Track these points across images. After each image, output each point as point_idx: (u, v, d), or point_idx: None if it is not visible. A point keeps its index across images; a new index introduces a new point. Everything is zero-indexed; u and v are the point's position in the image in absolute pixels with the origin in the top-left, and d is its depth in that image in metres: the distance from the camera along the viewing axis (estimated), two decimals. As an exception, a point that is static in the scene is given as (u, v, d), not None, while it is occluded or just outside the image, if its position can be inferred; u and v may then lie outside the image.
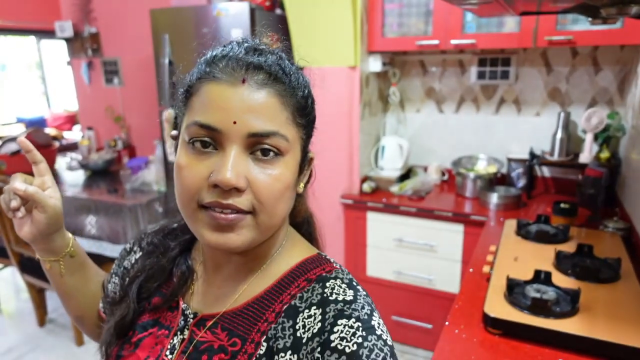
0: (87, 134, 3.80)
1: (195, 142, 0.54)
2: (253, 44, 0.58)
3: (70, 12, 3.67)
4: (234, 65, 0.54)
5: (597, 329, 1.15)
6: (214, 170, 0.53)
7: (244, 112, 0.53)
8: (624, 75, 2.31)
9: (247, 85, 0.53)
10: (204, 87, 0.55)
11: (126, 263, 0.77)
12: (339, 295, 0.57)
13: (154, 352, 0.63)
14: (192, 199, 0.55)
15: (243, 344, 0.58)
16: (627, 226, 1.81)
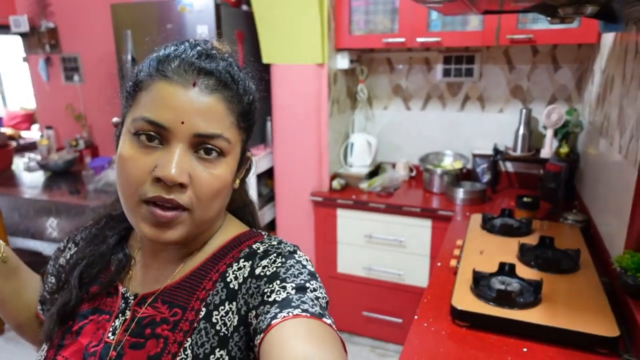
0: (46, 133, 3.65)
1: (141, 135, 0.56)
2: (205, 48, 0.60)
3: (25, 5, 3.51)
4: (186, 68, 0.57)
5: (559, 317, 1.19)
6: (158, 164, 0.55)
7: (192, 113, 0.55)
8: (581, 73, 2.40)
9: (198, 89, 0.56)
10: (155, 85, 0.57)
11: (61, 260, 0.76)
12: (264, 249, 0.64)
13: (95, 337, 0.64)
14: (135, 192, 0.57)
15: (184, 312, 0.61)
16: (585, 218, 1.89)
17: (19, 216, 2.81)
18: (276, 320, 0.52)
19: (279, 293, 0.57)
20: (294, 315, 0.52)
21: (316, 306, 0.55)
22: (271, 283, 0.58)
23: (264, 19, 2.42)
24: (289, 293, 0.56)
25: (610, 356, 1.11)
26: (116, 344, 0.62)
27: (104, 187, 2.91)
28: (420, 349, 1.16)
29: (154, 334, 0.61)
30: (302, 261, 0.63)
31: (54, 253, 0.79)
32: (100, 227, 0.74)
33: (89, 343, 0.64)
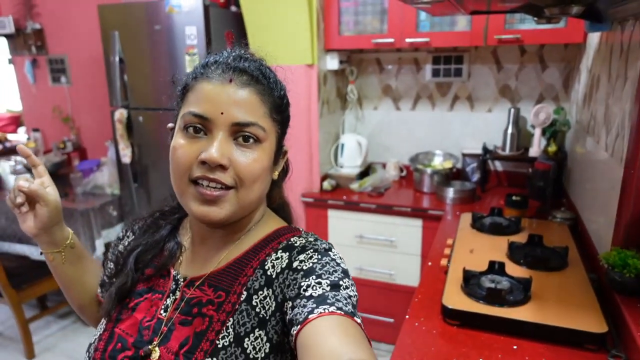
0: (33, 136, 3.61)
1: (189, 127, 0.66)
2: (240, 53, 0.70)
3: (10, 6, 3.47)
4: (223, 68, 0.67)
5: (548, 315, 1.20)
6: (203, 150, 0.65)
7: (230, 105, 0.65)
8: (568, 72, 2.42)
9: (233, 84, 0.65)
10: (198, 85, 0.67)
11: (120, 247, 0.85)
12: (302, 244, 0.71)
13: (149, 313, 0.73)
14: (184, 174, 0.66)
15: (227, 295, 0.69)
16: (573, 216, 1.91)
17: (6, 220, 2.77)
18: (313, 315, 0.57)
19: (315, 288, 0.62)
20: (329, 312, 0.58)
21: (349, 305, 0.61)
22: (307, 277, 0.64)
23: (253, 20, 2.42)
24: (325, 290, 0.62)
25: (598, 352, 1.12)
26: (167, 320, 0.71)
27: (93, 189, 2.88)
28: (412, 348, 1.17)
29: (200, 313, 0.69)
30: (337, 259, 0.69)
31: (113, 242, 0.88)
32: (155, 219, 0.83)
33: (143, 318, 0.72)
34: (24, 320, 2.56)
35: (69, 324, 2.97)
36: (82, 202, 2.71)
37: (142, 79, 2.60)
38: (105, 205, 2.75)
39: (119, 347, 0.70)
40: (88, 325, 0.91)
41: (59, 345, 2.75)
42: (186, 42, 2.42)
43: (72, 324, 2.96)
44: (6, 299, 2.49)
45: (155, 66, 2.54)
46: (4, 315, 3.04)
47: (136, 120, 2.66)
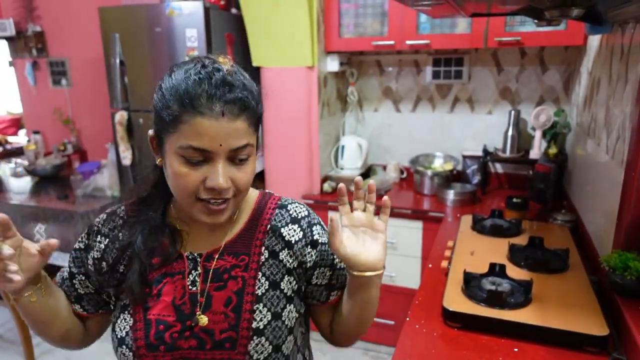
0: (33, 138, 3.61)
1: (189, 158, 0.72)
2: (223, 76, 0.72)
3: (11, 9, 3.48)
4: (214, 101, 0.70)
5: (549, 317, 1.20)
6: (208, 176, 0.72)
7: (226, 137, 0.71)
8: (569, 74, 2.43)
9: (226, 117, 0.70)
10: (192, 119, 0.70)
11: (94, 254, 0.84)
12: (301, 213, 0.87)
13: (177, 292, 0.80)
14: (191, 195, 0.74)
15: (249, 257, 0.82)
16: (574, 218, 1.90)
17: (6, 222, 2.77)
18: (331, 299, 0.88)
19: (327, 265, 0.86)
20: (336, 297, 0.89)
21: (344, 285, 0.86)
22: (315, 248, 0.85)
23: (253, 22, 2.42)
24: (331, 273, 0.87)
25: (599, 355, 1.12)
26: (201, 292, 0.79)
27: (93, 192, 2.88)
28: (412, 350, 1.16)
29: (231, 277, 0.80)
30: (324, 226, 0.89)
31: (71, 257, 0.86)
32: (140, 209, 0.84)
33: (174, 298, 0.79)
34: (24, 322, 2.56)
35: (69, 326, 2.96)
36: (83, 204, 2.71)
37: (142, 81, 2.60)
38: (106, 207, 2.73)
39: (161, 329, 0.77)
40: None
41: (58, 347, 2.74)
42: (187, 44, 2.43)
43: (72, 326, 2.96)
44: (6, 301, 2.48)
45: (156, 68, 2.54)
46: (4, 317, 3.04)
47: (136, 123, 2.66)
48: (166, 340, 0.77)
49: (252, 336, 0.78)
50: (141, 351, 0.77)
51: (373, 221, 0.79)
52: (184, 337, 0.77)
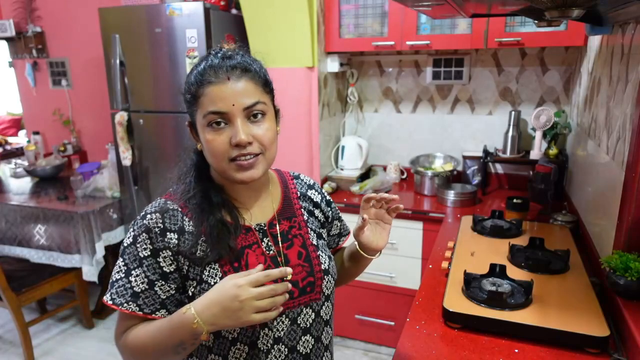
0: (33, 139, 3.61)
1: (213, 123, 0.84)
2: (224, 52, 0.87)
3: (11, 10, 3.48)
4: (218, 70, 0.84)
5: (549, 318, 1.19)
6: (231, 136, 0.84)
7: (236, 96, 0.83)
8: (569, 75, 2.42)
9: (232, 80, 0.83)
10: (206, 90, 0.84)
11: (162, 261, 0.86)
12: (310, 180, 1.11)
13: (259, 259, 0.91)
14: (223, 157, 0.85)
15: (297, 218, 1.01)
16: (575, 219, 1.90)
17: (6, 223, 2.77)
18: (339, 245, 1.17)
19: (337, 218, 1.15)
20: (341, 244, 1.17)
21: None
22: (329, 206, 1.11)
23: (253, 23, 2.42)
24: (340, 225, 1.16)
25: (600, 356, 1.12)
26: (277, 254, 0.94)
27: (93, 192, 2.88)
28: (413, 351, 1.16)
29: (294, 235, 0.98)
30: None
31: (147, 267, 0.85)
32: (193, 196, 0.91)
33: (259, 263, 0.88)
34: (23, 323, 2.56)
35: (68, 328, 2.96)
36: (83, 205, 2.71)
37: (142, 82, 2.60)
38: (106, 208, 2.75)
39: None
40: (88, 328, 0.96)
41: (58, 348, 2.74)
42: (187, 44, 2.43)
43: (71, 328, 2.96)
44: (6, 302, 2.48)
45: (156, 69, 2.54)
46: (3, 318, 3.04)
47: (136, 123, 2.66)
48: None
49: (323, 276, 0.97)
50: None
51: (384, 216, 1.01)
52: None
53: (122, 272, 0.86)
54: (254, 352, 0.89)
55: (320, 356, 0.99)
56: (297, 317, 0.93)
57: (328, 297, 0.99)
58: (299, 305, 0.93)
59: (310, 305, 0.95)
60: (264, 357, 0.90)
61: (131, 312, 0.85)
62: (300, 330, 0.94)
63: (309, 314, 0.95)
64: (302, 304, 0.93)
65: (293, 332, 0.93)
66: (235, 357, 0.89)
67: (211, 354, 0.90)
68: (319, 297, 0.96)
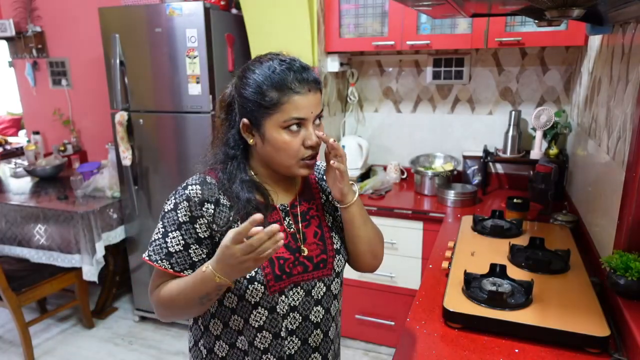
0: (33, 139, 3.61)
1: (292, 126, 0.95)
2: (300, 63, 0.98)
3: (11, 10, 3.48)
4: (301, 82, 0.94)
5: (550, 318, 1.19)
6: (304, 139, 0.96)
7: (313, 106, 0.97)
8: (569, 75, 2.42)
9: (312, 92, 0.96)
10: (292, 98, 0.94)
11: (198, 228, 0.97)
12: (324, 164, 1.15)
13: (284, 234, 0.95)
14: (294, 157, 0.97)
15: (315, 201, 1.12)
16: (575, 219, 1.90)
17: (6, 223, 2.77)
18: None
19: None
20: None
21: None
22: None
23: (254, 23, 2.42)
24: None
25: (601, 356, 1.11)
26: (297, 231, 1.05)
27: (93, 192, 2.88)
28: (413, 351, 1.16)
29: (311, 216, 1.09)
30: None
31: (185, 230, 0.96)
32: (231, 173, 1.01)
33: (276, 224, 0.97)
34: (23, 323, 2.56)
35: (68, 327, 2.96)
36: (83, 205, 2.71)
37: (142, 82, 2.60)
38: (106, 207, 2.75)
39: (281, 263, 1.00)
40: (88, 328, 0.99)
41: (58, 348, 2.74)
42: (187, 44, 2.42)
43: (71, 327, 2.96)
44: (6, 302, 2.48)
45: (156, 69, 2.54)
46: (3, 318, 3.04)
47: (137, 123, 2.66)
48: (286, 270, 1.01)
49: (335, 255, 1.08)
50: (271, 283, 0.98)
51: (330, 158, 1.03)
52: (295, 265, 1.02)
53: (160, 234, 0.98)
54: (273, 316, 1.01)
55: (329, 326, 1.10)
56: (311, 290, 1.05)
57: (338, 274, 1.11)
58: (312, 279, 1.05)
59: (322, 279, 1.06)
60: (281, 321, 1.02)
61: (163, 269, 0.96)
62: (313, 301, 1.05)
63: (321, 288, 1.07)
64: (315, 278, 1.05)
65: (307, 303, 1.05)
66: (255, 320, 1.00)
67: (234, 315, 1.01)
68: (330, 274, 1.07)
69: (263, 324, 1.01)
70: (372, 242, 1.14)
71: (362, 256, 1.14)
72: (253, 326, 1.01)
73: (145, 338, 2.83)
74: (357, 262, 1.16)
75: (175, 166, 2.62)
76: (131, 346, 2.75)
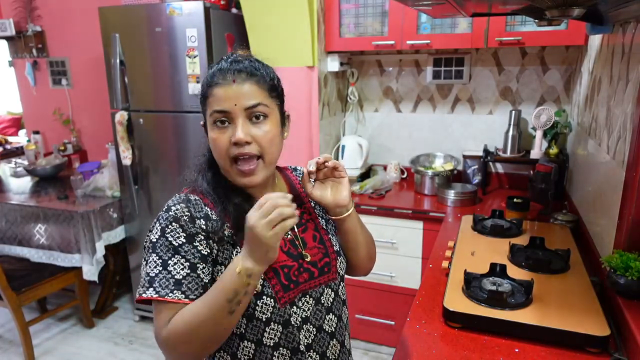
0: (33, 138, 3.61)
1: (217, 122, 0.90)
2: (234, 57, 0.93)
3: (11, 9, 3.48)
4: (226, 73, 0.90)
5: (550, 317, 1.19)
6: (232, 135, 0.88)
7: (239, 98, 0.88)
8: (570, 74, 2.42)
9: (237, 83, 0.89)
10: (213, 90, 0.90)
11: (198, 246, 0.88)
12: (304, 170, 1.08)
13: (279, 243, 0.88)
14: (225, 155, 0.90)
15: (305, 204, 1.07)
16: (575, 218, 1.90)
17: (6, 222, 2.77)
18: None
19: None
20: None
21: None
22: None
23: (254, 22, 2.42)
24: None
25: (601, 355, 1.11)
26: (295, 237, 1.00)
27: (93, 192, 2.88)
28: (413, 350, 1.16)
29: (307, 220, 1.05)
30: None
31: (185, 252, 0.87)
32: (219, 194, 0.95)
33: (281, 247, 0.96)
34: (23, 323, 2.56)
35: (68, 327, 2.96)
36: (83, 205, 2.71)
37: (142, 81, 2.60)
38: (106, 207, 2.75)
39: (286, 271, 0.95)
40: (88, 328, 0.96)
41: (58, 348, 2.74)
42: (187, 44, 2.42)
43: (72, 327, 2.96)
44: (6, 301, 2.49)
45: (156, 68, 2.54)
46: (3, 318, 3.04)
47: (137, 123, 2.66)
48: (292, 279, 0.95)
49: (337, 257, 1.03)
50: (280, 294, 0.92)
51: (333, 173, 1.00)
52: (300, 272, 0.97)
53: (160, 266, 0.86)
54: (288, 331, 0.94)
55: (343, 335, 1.05)
56: (320, 297, 0.99)
57: (342, 277, 1.06)
58: (320, 285, 0.99)
59: (329, 285, 1.01)
60: (297, 334, 0.95)
61: (177, 300, 0.84)
62: (324, 309, 1.00)
63: (330, 294, 1.01)
64: (322, 283, 1.00)
65: (318, 312, 0.99)
66: (270, 337, 0.92)
67: (243, 341, 0.92)
68: (335, 277, 1.02)
69: (279, 341, 0.93)
70: (370, 245, 1.12)
71: (361, 261, 1.10)
72: (268, 345, 0.92)
73: (145, 338, 2.83)
74: (356, 269, 1.12)
75: (175, 166, 2.62)
76: (131, 346, 2.75)
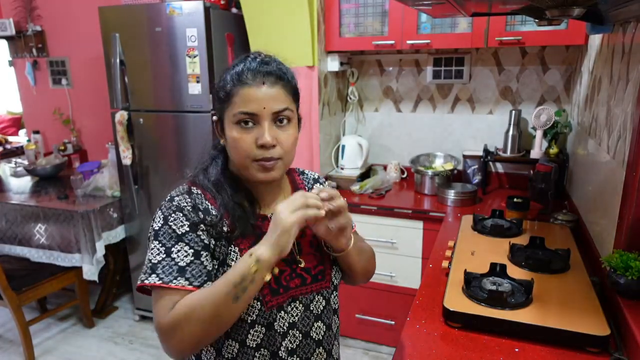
0: (33, 138, 3.61)
1: (241, 122, 0.89)
2: (262, 57, 0.93)
3: (11, 9, 3.47)
4: (256, 74, 0.89)
5: (550, 317, 1.19)
6: (257, 137, 0.89)
7: (267, 101, 0.89)
8: (570, 74, 2.42)
9: (266, 85, 0.89)
10: (241, 90, 0.89)
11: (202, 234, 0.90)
12: (314, 175, 1.16)
13: None
14: (247, 156, 0.90)
15: None
16: (575, 218, 1.90)
17: (6, 222, 2.77)
18: None
19: None
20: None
21: None
22: None
23: (254, 22, 2.42)
24: None
25: (601, 355, 1.11)
26: None
27: (93, 191, 2.88)
28: (413, 350, 1.16)
29: (305, 226, 0.92)
30: None
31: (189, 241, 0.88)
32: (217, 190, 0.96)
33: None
34: (24, 322, 2.56)
35: (69, 327, 2.96)
36: (83, 204, 2.71)
37: (142, 81, 2.60)
38: (106, 207, 2.75)
39: (277, 274, 0.94)
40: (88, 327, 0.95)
41: (59, 347, 2.74)
42: (187, 44, 2.42)
43: (72, 327, 2.96)
44: (6, 301, 2.49)
45: (156, 68, 2.54)
46: (4, 317, 3.04)
47: (137, 122, 2.66)
48: (282, 283, 0.94)
49: (332, 266, 1.03)
50: (267, 298, 0.92)
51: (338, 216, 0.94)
52: (292, 278, 0.96)
53: (163, 253, 0.87)
54: (270, 334, 0.93)
55: (331, 343, 1.04)
56: (309, 304, 0.99)
57: (336, 287, 1.05)
58: (311, 292, 0.99)
59: (321, 292, 1.00)
60: (279, 339, 0.94)
61: (180, 287, 0.84)
62: (312, 316, 0.99)
63: (320, 301, 1.01)
64: (314, 290, 0.99)
65: (306, 318, 0.98)
66: (253, 339, 0.92)
67: (228, 340, 0.93)
68: (328, 286, 1.02)
69: (261, 342, 0.93)
70: (368, 266, 1.11)
71: (357, 278, 1.10)
72: (251, 346, 0.92)
73: (145, 337, 2.83)
74: (351, 282, 1.13)
75: (175, 165, 2.62)
76: (131, 345, 2.75)
